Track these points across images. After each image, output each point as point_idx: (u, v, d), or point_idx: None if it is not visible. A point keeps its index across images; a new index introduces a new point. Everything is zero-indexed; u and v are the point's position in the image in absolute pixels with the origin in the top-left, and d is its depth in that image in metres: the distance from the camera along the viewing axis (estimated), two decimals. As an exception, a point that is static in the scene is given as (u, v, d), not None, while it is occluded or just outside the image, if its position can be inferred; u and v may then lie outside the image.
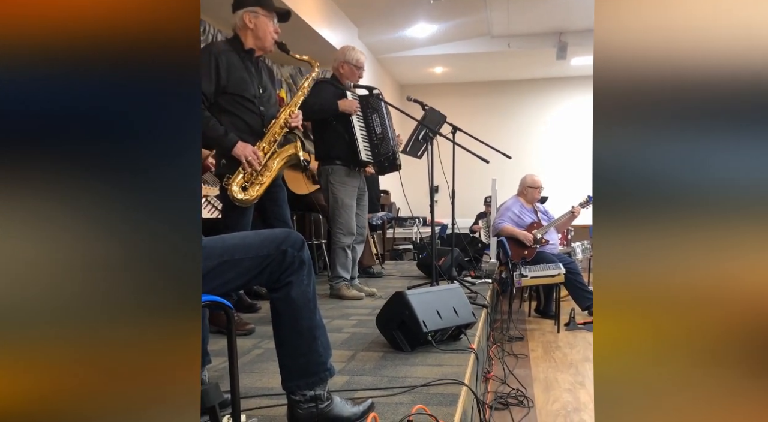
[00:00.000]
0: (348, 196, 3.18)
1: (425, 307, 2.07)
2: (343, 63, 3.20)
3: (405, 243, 6.75)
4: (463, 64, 7.69)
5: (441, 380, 1.68)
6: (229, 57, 2.29)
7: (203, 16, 4.36)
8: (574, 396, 2.61)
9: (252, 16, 2.33)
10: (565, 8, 6.07)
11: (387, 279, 4.15)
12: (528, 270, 3.90)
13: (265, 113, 2.39)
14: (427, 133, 3.21)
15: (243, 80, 2.31)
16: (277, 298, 1.27)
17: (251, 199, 2.30)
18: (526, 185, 4.57)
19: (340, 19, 5.71)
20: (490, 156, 3.18)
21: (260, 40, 2.36)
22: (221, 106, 2.30)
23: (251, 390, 1.62)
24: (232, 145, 2.24)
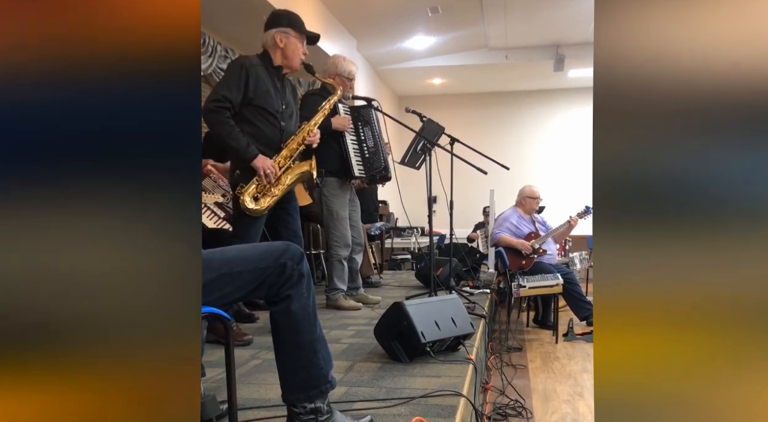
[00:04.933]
0: (342, 207, 3.20)
1: (423, 318, 2.08)
2: (335, 75, 3.19)
3: (403, 253, 6.75)
4: (461, 75, 7.75)
5: (439, 391, 1.68)
6: (258, 71, 2.37)
7: (205, 30, 4.40)
8: (573, 407, 2.61)
9: (283, 36, 2.44)
10: (562, 21, 6.13)
11: (385, 289, 4.15)
12: (526, 281, 3.91)
13: (286, 128, 2.46)
14: (425, 144, 3.23)
15: (269, 94, 2.39)
16: (277, 312, 1.27)
17: (261, 210, 2.34)
18: (524, 196, 4.59)
19: (339, 32, 5.76)
20: (488, 167, 3.20)
21: (288, 59, 2.46)
22: (245, 116, 2.36)
23: (248, 401, 1.62)
24: (254, 156, 2.31)
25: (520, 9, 5.80)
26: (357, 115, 3.22)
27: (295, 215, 2.58)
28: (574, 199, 6.24)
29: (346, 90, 3.25)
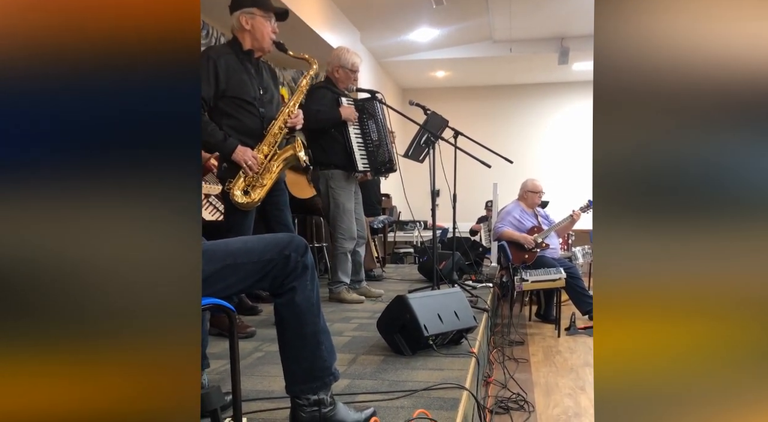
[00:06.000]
0: (348, 200, 3.19)
1: (426, 311, 2.08)
2: (338, 67, 3.17)
3: (406, 246, 6.76)
4: (465, 68, 7.71)
5: (442, 384, 1.69)
6: (227, 60, 2.29)
7: (207, 19, 4.38)
8: (575, 401, 2.61)
9: (248, 17, 2.33)
10: (566, 14, 6.09)
11: (388, 283, 4.15)
12: (529, 275, 3.91)
13: (266, 114, 2.38)
14: (429, 137, 3.22)
15: (242, 82, 2.31)
16: (281, 304, 1.27)
17: (254, 202, 2.30)
18: (526, 189, 4.58)
19: (343, 23, 5.73)
20: (491, 160, 3.19)
21: (258, 41, 2.35)
22: (221, 109, 2.30)
23: (252, 393, 1.63)
24: (231, 149, 2.24)
25: (524, 1, 5.76)
26: (361, 108, 3.21)
27: (285, 210, 2.53)
28: (577, 193, 6.23)
29: (350, 82, 3.24)
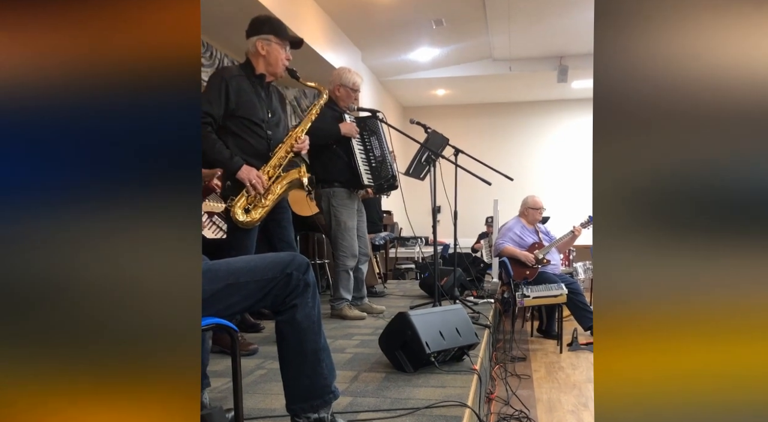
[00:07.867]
0: (350, 218, 3.21)
1: (428, 328, 2.08)
2: (339, 86, 3.21)
3: (407, 262, 6.76)
4: (465, 86, 7.79)
5: (444, 402, 1.69)
6: (239, 81, 2.35)
7: (211, 41, 4.46)
8: (578, 418, 2.60)
9: (265, 43, 2.40)
10: (565, 32, 6.17)
11: (389, 299, 4.15)
12: (530, 291, 3.91)
13: (272, 137, 2.44)
14: (429, 155, 3.25)
15: (252, 104, 2.37)
16: (282, 321, 1.29)
17: (253, 222, 2.33)
18: (527, 206, 4.60)
19: (344, 43, 5.81)
20: (491, 177, 3.22)
21: (271, 66, 2.43)
22: (229, 128, 2.35)
23: (254, 411, 1.63)
24: (237, 168, 2.28)
25: (523, 20, 5.85)
26: (363, 125, 3.25)
27: (288, 227, 2.57)
28: (577, 209, 6.25)
29: (351, 101, 3.28)
